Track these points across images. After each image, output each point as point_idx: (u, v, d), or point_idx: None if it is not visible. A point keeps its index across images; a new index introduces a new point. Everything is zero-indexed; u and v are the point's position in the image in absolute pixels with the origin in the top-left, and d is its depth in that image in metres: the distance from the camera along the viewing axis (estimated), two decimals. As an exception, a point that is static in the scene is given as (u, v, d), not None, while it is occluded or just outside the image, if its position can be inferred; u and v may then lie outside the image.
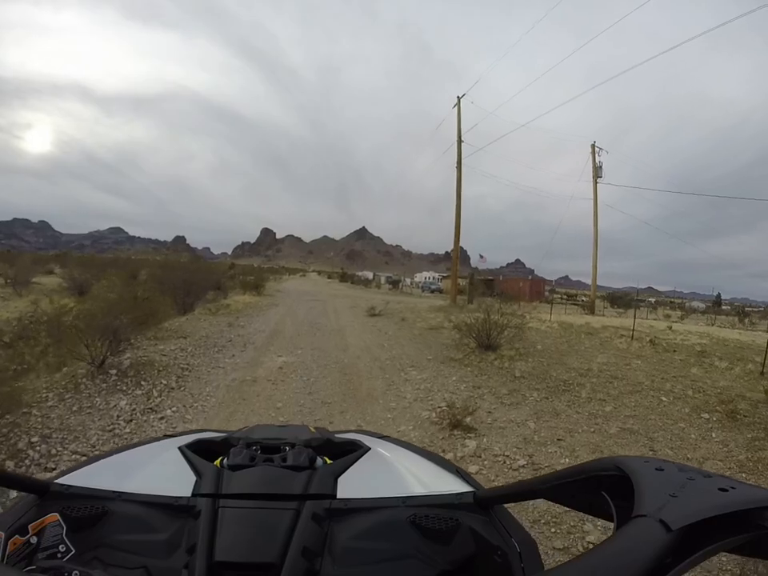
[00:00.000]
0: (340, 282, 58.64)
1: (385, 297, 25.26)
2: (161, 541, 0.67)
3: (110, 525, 0.69)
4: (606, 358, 8.02)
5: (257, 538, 0.64)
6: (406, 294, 37.60)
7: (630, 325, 11.81)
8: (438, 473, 0.92)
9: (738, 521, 0.36)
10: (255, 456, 0.84)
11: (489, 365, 7.17)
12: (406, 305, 18.75)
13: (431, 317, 14.01)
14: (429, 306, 18.23)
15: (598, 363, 7.52)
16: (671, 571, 0.33)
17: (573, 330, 11.91)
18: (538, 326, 12.13)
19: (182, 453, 0.90)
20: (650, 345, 9.59)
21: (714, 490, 0.40)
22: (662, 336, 11.33)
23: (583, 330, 11.81)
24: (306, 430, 1.09)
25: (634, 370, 7.23)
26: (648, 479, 0.43)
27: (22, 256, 31.88)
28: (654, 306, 44.74)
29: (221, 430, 1.19)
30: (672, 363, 7.95)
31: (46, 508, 0.71)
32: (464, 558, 0.68)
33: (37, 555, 0.65)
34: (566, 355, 8.17)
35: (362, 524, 0.70)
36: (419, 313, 15.46)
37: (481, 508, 0.74)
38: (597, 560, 0.34)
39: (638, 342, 9.95)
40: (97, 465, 0.90)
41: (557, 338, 10.23)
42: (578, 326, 12.72)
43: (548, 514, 2.79)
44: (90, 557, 0.66)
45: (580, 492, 0.56)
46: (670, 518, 0.36)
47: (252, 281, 22.41)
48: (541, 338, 10.00)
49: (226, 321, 10.99)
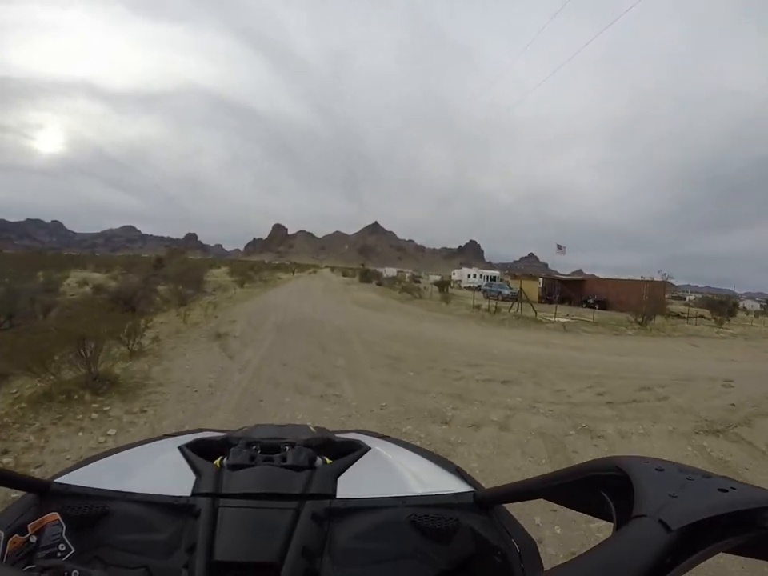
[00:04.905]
0: (361, 282, 45.21)
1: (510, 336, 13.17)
2: (160, 540, 0.66)
3: (109, 524, 0.68)
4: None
5: (256, 537, 0.63)
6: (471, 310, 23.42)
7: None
8: (437, 472, 0.92)
9: (738, 521, 0.36)
10: (255, 455, 0.82)
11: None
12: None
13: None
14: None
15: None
16: (671, 571, 0.33)
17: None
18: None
19: (182, 452, 0.89)
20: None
21: (713, 490, 0.39)
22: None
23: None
24: (306, 430, 1.07)
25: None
26: (648, 479, 0.43)
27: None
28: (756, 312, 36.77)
29: (221, 430, 1.19)
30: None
31: (45, 507, 0.70)
32: (464, 558, 0.67)
33: (36, 554, 0.65)
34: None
35: (362, 524, 0.69)
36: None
37: (481, 508, 0.73)
38: (597, 560, 0.34)
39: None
40: (96, 464, 0.89)
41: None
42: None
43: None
44: (90, 556, 0.65)
45: (580, 492, 0.55)
46: (670, 518, 0.35)
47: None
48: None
49: None
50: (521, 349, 10.05)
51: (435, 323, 14.42)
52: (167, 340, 8.14)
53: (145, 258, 34.19)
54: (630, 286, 30.66)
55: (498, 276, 50.79)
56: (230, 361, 6.77)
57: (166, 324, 10.49)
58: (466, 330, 13.29)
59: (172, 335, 8.70)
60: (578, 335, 13.74)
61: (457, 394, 5.76)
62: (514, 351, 9.56)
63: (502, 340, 11.30)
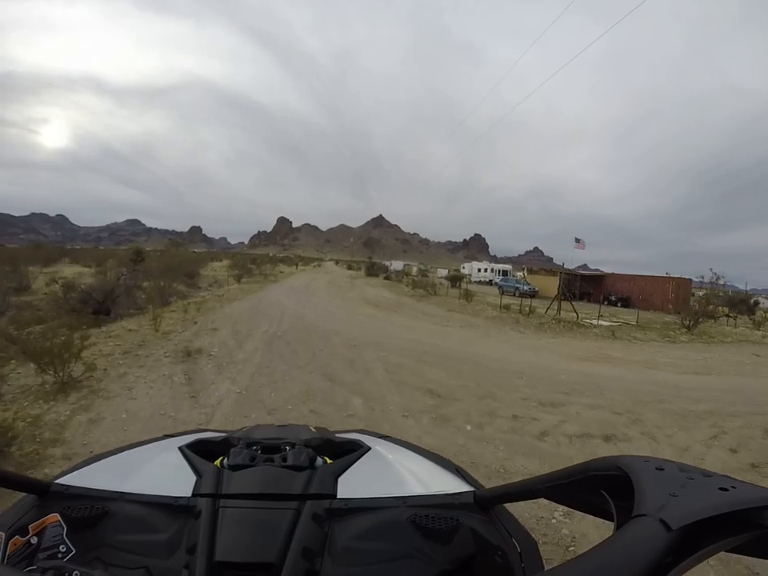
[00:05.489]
0: (368, 276, 42.91)
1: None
2: (161, 541, 0.66)
3: (110, 525, 0.68)
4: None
5: (257, 538, 0.63)
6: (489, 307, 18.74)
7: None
8: (438, 472, 0.91)
9: (739, 520, 0.36)
10: (255, 456, 0.82)
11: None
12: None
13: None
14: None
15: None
16: (671, 571, 0.33)
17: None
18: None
19: (182, 453, 0.88)
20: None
21: (714, 489, 0.39)
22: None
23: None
24: (306, 430, 1.06)
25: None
26: (648, 479, 0.43)
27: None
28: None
29: (221, 430, 1.18)
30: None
31: (46, 508, 0.70)
32: (464, 557, 0.67)
33: (37, 555, 0.65)
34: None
35: (362, 524, 0.69)
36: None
37: (481, 508, 0.73)
38: (597, 559, 0.33)
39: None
40: (97, 465, 0.88)
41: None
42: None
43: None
44: (91, 557, 0.65)
45: (580, 491, 0.55)
46: (670, 518, 0.35)
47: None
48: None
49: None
50: (587, 369, 7.82)
51: (465, 329, 11.90)
52: (120, 360, 6.13)
53: (125, 252, 32.13)
54: (654, 283, 28.43)
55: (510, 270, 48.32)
56: (190, 403, 4.70)
57: (133, 332, 8.47)
58: (506, 339, 10.84)
59: (131, 351, 6.68)
60: (631, 344, 11.49)
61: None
62: (584, 374, 7.29)
63: (558, 356, 8.93)
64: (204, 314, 10.83)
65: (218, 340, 7.79)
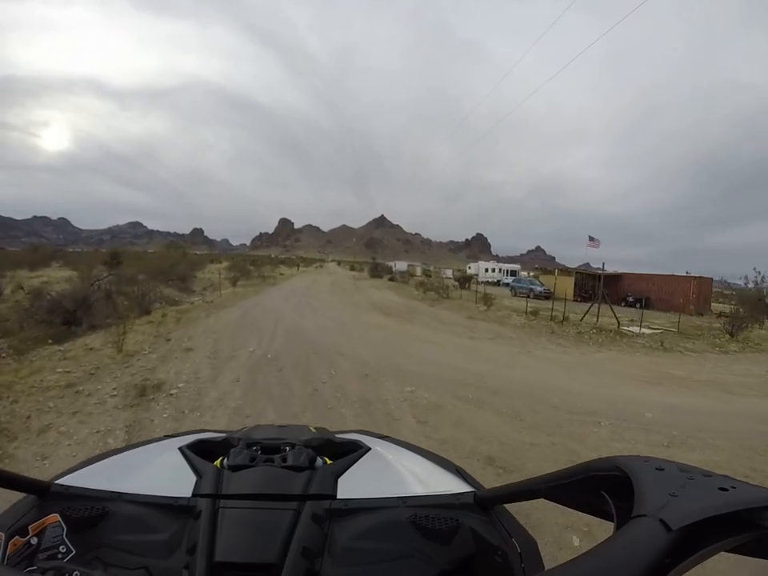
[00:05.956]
0: (372, 278, 41.15)
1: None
2: (161, 541, 0.65)
3: (110, 525, 0.68)
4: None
5: (257, 538, 0.62)
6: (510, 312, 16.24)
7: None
8: (438, 473, 0.90)
9: (738, 520, 0.36)
10: (255, 456, 0.81)
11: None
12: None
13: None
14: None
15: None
16: (671, 571, 0.33)
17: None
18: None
19: (182, 453, 0.87)
20: None
21: (714, 489, 0.39)
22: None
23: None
24: (306, 430, 1.05)
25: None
26: (648, 479, 0.42)
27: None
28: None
29: (221, 431, 1.16)
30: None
31: (46, 509, 0.69)
32: (464, 558, 0.66)
33: (37, 556, 0.64)
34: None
35: (362, 524, 0.68)
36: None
37: (481, 508, 0.72)
38: (597, 560, 0.33)
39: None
40: (97, 465, 0.88)
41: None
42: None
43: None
44: (91, 557, 0.65)
45: (580, 492, 0.54)
46: (670, 518, 0.35)
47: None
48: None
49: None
50: (662, 397, 6.07)
51: (495, 343, 9.98)
52: (54, 401, 4.53)
53: (102, 254, 30.62)
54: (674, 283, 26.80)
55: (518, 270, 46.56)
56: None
57: (92, 352, 6.91)
58: (549, 356, 8.92)
59: (75, 384, 5.09)
60: (684, 356, 9.73)
61: None
62: (666, 408, 5.48)
63: (619, 379, 7.12)
64: (183, 327, 9.16)
65: (188, 367, 6.10)
